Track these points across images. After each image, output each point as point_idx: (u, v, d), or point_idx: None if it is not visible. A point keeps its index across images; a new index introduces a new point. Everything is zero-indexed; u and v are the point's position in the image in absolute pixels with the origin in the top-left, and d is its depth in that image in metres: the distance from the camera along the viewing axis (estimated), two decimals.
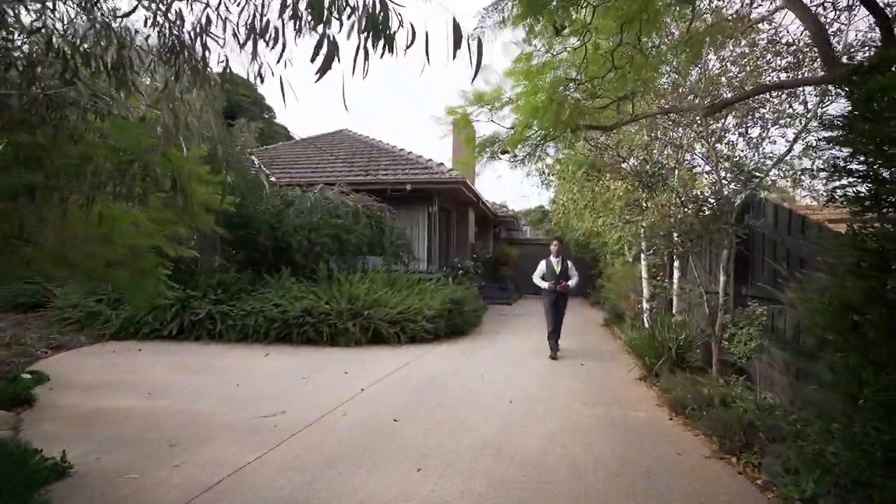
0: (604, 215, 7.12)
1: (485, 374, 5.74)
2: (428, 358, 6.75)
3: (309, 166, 12.81)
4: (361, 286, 8.03)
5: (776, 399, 4.10)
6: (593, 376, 5.86)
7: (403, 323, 7.83)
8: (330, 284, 8.31)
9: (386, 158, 12.36)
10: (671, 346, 5.46)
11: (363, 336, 7.58)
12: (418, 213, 11.54)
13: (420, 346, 7.64)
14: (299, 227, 8.30)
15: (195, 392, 4.70)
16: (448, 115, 4.19)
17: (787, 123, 4.68)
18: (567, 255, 6.91)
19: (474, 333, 9.14)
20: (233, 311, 7.42)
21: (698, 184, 5.19)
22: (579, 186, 7.13)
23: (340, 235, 8.74)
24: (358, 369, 5.89)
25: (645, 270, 8.08)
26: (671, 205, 4.90)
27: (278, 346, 7.26)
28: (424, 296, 8.67)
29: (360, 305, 7.80)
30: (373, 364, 6.23)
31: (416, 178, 10.66)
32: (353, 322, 7.56)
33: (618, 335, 9.08)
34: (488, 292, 15.43)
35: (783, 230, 4.36)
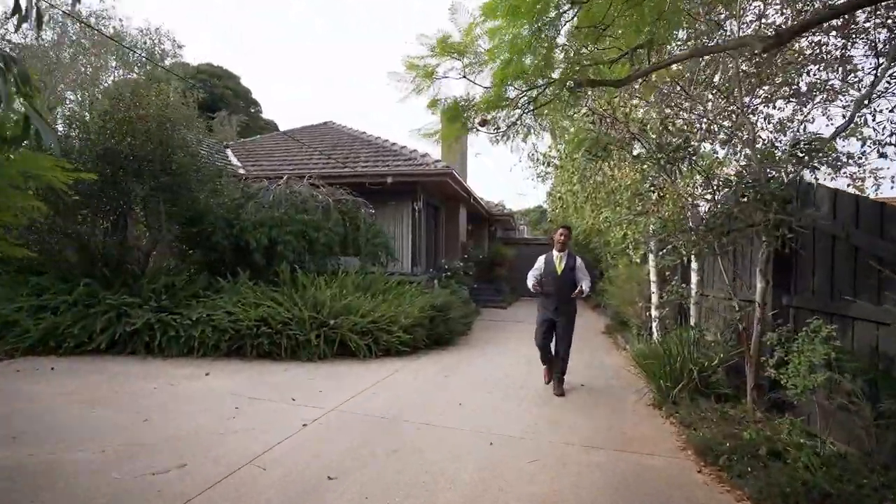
0: (608, 209, 6.09)
1: (464, 402, 4.70)
2: (400, 377, 5.71)
3: (284, 159, 11.77)
4: (327, 291, 6.98)
5: (844, 446, 3.08)
6: (596, 402, 4.82)
7: (376, 333, 6.80)
8: (294, 289, 7.27)
9: (368, 150, 11.33)
10: (692, 367, 4.43)
11: (328, 349, 6.55)
12: (402, 209, 10.51)
13: (394, 360, 6.61)
14: (259, 223, 7.25)
15: (83, 432, 3.65)
16: (409, 71, 3.16)
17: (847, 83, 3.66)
18: (573, 252, 5.00)
19: (461, 344, 8.11)
20: (177, 321, 6.37)
21: (726, 164, 4.18)
22: (579, 175, 6.10)
23: (307, 233, 7.70)
24: (310, 393, 4.85)
25: (654, 273, 7.04)
26: (694, 192, 3.88)
27: (228, 361, 6.21)
28: (403, 301, 7.64)
29: (325, 313, 6.76)
30: (331, 386, 5.19)
31: (398, 170, 9.62)
32: (316, 333, 6.53)
33: (621, 345, 8.07)
34: (482, 295, 14.42)
35: (847, 223, 3.33)
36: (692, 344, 4.69)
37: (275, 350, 6.41)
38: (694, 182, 3.85)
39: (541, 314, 4.99)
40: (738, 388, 4.35)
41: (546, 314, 4.90)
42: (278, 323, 6.44)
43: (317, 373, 5.78)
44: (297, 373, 5.74)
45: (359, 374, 5.75)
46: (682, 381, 4.43)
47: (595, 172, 5.48)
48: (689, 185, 3.84)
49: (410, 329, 7.04)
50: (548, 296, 4.87)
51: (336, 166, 10.26)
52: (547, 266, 4.92)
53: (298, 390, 4.95)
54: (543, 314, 4.93)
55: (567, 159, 6.25)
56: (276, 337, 6.40)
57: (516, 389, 5.20)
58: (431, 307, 7.73)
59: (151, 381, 5.16)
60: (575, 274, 4.79)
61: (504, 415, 4.34)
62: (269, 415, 4.16)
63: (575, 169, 6.27)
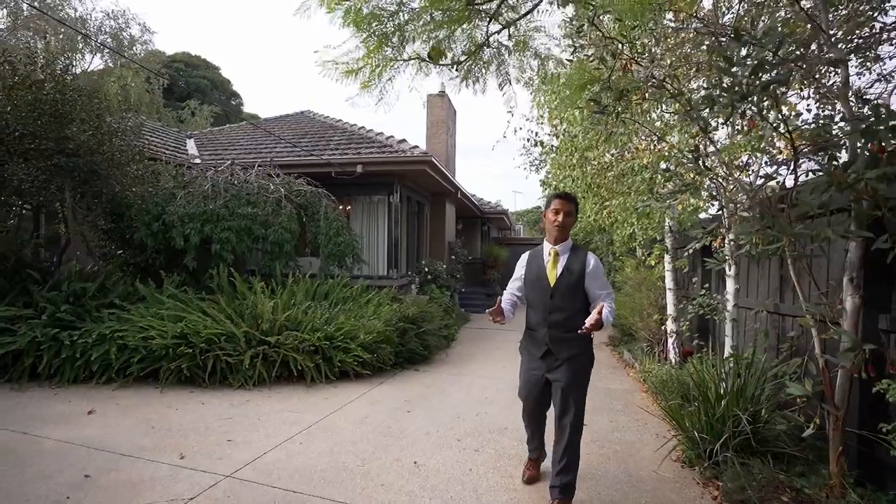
0: (618, 197, 4.82)
1: (421, 460, 3.41)
2: (347, 415, 4.42)
3: (247, 148, 10.48)
4: (268, 301, 5.68)
5: None
6: (606, 455, 3.55)
7: (331, 352, 5.51)
8: (233, 297, 5.98)
9: (340, 137, 10.05)
10: (739, 413, 3.15)
11: (267, 372, 5.26)
12: (377, 204, 9.23)
13: (350, 386, 5.32)
14: (189, 217, 5.95)
15: None
16: None
17: None
18: (578, 246, 2.87)
19: (438, 361, 6.82)
20: (74, 338, 5.06)
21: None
22: (579, 150, 4.81)
23: (253, 230, 6.41)
24: (213, 444, 3.56)
25: (670, 278, 5.78)
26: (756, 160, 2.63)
27: (136, 390, 4.92)
28: (367, 312, 6.35)
29: (266, 327, 5.47)
30: (250, 429, 3.89)
31: (369, 158, 8.33)
32: (253, 352, 5.24)
33: (629, 363, 6.80)
34: (471, 299, 13.16)
35: None
36: (735, 377, 3.41)
37: (198, 375, 5.11)
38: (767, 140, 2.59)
39: (525, 363, 2.85)
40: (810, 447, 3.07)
41: (533, 363, 2.76)
42: (203, 340, 5.14)
43: (241, 408, 4.48)
44: (213, 408, 4.44)
45: (296, 410, 4.45)
46: (725, 433, 3.15)
47: (602, 140, 4.17)
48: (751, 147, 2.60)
49: (373, 346, 5.76)
50: (534, 328, 2.74)
51: (300, 155, 8.97)
52: (533, 271, 2.77)
53: (199, 439, 3.65)
54: (529, 363, 2.81)
55: (564, 135, 4.97)
56: (201, 358, 5.11)
57: (496, 436, 3.91)
58: (403, 318, 6.45)
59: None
60: (585, 285, 2.62)
61: (474, 486, 3.05)
62: (125, 490, 2.85)
63: (574, 148, 5.00)
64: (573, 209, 2.72)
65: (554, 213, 2.70)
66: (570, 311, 2.61)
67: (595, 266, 2.68)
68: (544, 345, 2.70)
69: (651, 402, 5.00)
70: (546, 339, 2.68)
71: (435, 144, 12.60)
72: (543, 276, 2.73)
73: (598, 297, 2.63)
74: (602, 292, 2.63)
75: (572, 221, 2.72)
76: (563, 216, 2.69)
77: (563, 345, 2.63)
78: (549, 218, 2.72)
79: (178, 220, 5.86)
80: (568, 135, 4.97)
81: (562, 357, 2.66)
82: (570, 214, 2.70)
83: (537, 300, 2.76)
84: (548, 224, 2.75)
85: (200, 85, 21.50)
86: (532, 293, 2.81)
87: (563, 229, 2.70)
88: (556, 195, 2.76)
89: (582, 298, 2.68)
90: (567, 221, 2.69)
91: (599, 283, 2.66)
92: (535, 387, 2.77)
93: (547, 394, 2.78)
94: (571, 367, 2.65)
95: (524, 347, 2.92)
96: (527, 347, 2.90)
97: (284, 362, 5.32)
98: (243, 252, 6.33)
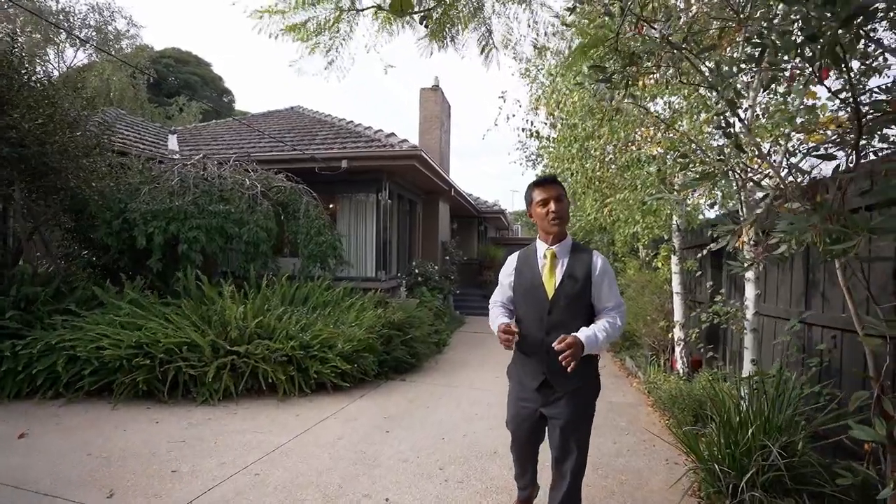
0: (624, 192, 4.32)
1: (394, 497, 2.91)
2: (318, 435, 3.92)
3: (229, 143, 9.98)
4: (238, 307, 5.18)
5: None
6: (610, 488, 3.06)
7: (307, 362, 5.02)
8: (201, 302, 5.48)
9: (326, 132, 9.55)
10: (768, 444, 2.66)
11: (235, 384, 4.77)
12: (365, 202, 8.74)
13: (327, 400, 4.83)
14: (153, 215, 5.44)
15: None
16: None
17: None
18: (580, 245, 2.23)
19: (427, 369, 6.34)
20: (16, 349, 4.56)
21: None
22: (579, 140, 4.31)
23: (225, 228, 5.91)
24: (150, 479, 3.06)
25: (677, 281, 5.30)
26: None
27: (85, 406, 4.42)
28: (348, 317, 5.86)
29: (234, 335, 4.97)
30: (201, 455, 3.40)
31: (355, 153, 7.83)
32: (220, 363, 4.75)
33: (632, 371, 6.32)
34: (467, 301, 12.68)
35: None
36: (760, 397, 2.93)
37: (158, 388, 4.61)
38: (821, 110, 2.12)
39: (515, 392, 2.27)
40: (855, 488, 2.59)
41: (524, 394, 2.18)
42: (164, 350, 4.64)
43: (199, 428, 3.98)
44: (168, 428, 3.94)
45: (261, 430, 3.96)
46: (751, 466, 2.66)
47: (606, 120, 3.64)
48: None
49: (354, 355, 5.27)
50: (527, 353, 2.14)
51: (284, 150, 8.47)
52: (525, 279, 2.19)
53: (140, 469, 3.15)
54: (519, 393, 2.22)
55: (562, 123, 4.47)
56: (161, 370, 4.61)
57: (484, 463, 3.42)
58: (388, 324, 5.96)
59: None
60: (592, 294, 2.08)
61: None
62: None
63: (574, 138, 4.50)
64: (563, 192, 2.11)
65: (542, 204, 2.09)
66: (573, 328, 1.97)
67: (603, 269, 2.08)
68: (541, 374, 2.09)
69: (658, 419, 4.53)
70: (544, 367, 2.07)
71: (428, 140, 12.11)
72: (538, 284, 2.11)
73: (605, 307, 2.06)
74: (608, 304, 2.06)
75: (568, 208, 2.14)
76: (555, 203, 2.05)
77: (565, 374, 1.92)
78: (539, 213, 2.11)
79: (139, 217, 5.35)
80: (566, 123, 4.47)
81: (563, 390, 2.07)
82: (562, 199, 2.09)
83: (531, 317, 2.12)
84: (540, 220, 2.13)
85: (190, 81, 20.95)
86: (524, 307, 2.17)
87: (562, 221, 2.08)
88: (534, 184, 2.16)
89: (588, 312, 2.10)
90: (562, 209, 2.07)
91: (608, 292, 2.07)
92: (527, 421, 2.18)
93: (541, 428, 2.22)
94: (574, 402, 2.07)
95: (513, 374, 2.30)
96: (517, 375, 2.26)
97: (255, 374, 4.83)
98: (215, 252, 5.83)
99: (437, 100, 12.25)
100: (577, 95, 4.13)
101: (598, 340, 1.92)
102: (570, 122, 4.58)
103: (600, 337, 1.94)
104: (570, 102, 4.12)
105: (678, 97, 4.14)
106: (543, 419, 2.16)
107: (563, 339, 1.84)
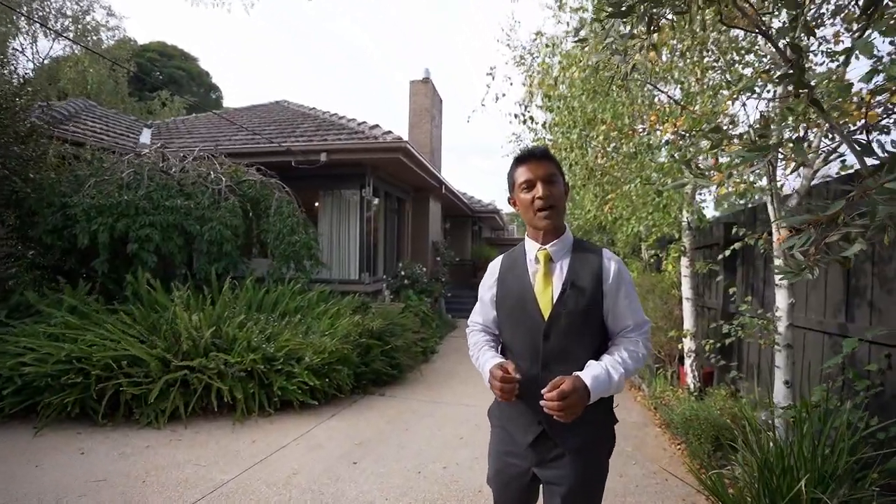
0: (627, 183, 3.75)
1: None
2: (273, 468, 3.32)
3: (204, 137, 9.36)
4: (191, 315, 4.57)
5: None
6: None
7: (271, 376, 4.43)
8: (152, 310, 4.87)
9: (309, 125, 8.95)
10: (823, 498, 2.08)
11: (183, 404, 4.16)
12: (347, 199, 8.14)
13: (290, 420, 4.24)
14: (98, 210, 4.82)
15: None
16: None
17: None
18: (584, 242, 1.57)
19: (410, 381, 5.75)
20: None
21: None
22: (579, 124, 3.72)
23: (185, 226, 5.30)
24: None
25: (687, 285, 4.74)
26: None
27: (4, 431, 3.80)
28: (320, 325, 5.26)
29: (187, 347, 4.37)
30: (119, 500, 2.79)
31: (336, 145, 7.23)
32: (169, 378, 4.14)
33: (635, 383, 5.77)
34: (460, 304, 12.10)
35: None
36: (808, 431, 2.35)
37: (92, 409, 4.01)
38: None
39: (498, 443, 1.61)
40: None
41: (511, 447, 1.55)
42: (101, 366, 4.02)
43: (130, 460, 3.37)
44: (92, 461, 3.33)
45: (204, 461, 3.35)
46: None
47: (619, 82, 3.04)
48: None
49: (326, 369, 4.68)
50: (517, 394, 1.40)
51: (259, 142, 7.86)
52: (511, 291, 1.56)
53: None
54: (505, 446, 1.57)
55: (561, 103, 3.89)
56: (97, 388, 4.00)
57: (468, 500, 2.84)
58: (366, 333, 5.37)
59: None
60: (605, 309, 1.46)
61: None
62: None
63: (573, 122, 3.92)
64: (556, 171, 1.49)
65: (526, 187, 1.47)
66: (581, 359, 1.41)
67: (618, 274, 1.47)
68: (536, 425, 1.47)
69: (669, 442, 3.96)
70: (540, 416, 1.42)
71: (418, 134, 11.52)
72: (529, 299, 1.49)
73: (623, 330, 1.47)
74: (628, 322, 1.46)
75: (564, 194, 1.51)
76: (544, 185, 1.44)
77: (569, 425, 1.36)
78: (524, 200, 1.48)
79: (82, 213, 4.73)
80: (565, 105, 3.89)
81: (567, 446, 1.45)
82: (555, 181, 1.47)
83: (520, 344, 1.51)
84: (524, 211, 1.51)
85: (175, 76, 20.24)
86: (510, 331, 1.56)
87: (553, 212, 1.46)
88: (517, 160, 1.53)
89: (599, 335, 1.49)
90: (554, 194, 1.45)
91: (626, 306, 1.46)
92: (516, 481, 1.54)
93: (534, 490, 1.59)
94: (582, 463, 1.45)
95: (497, 419, 1.63)
96: (501, 422, 1.60)
97: (209, 392, 4.23)
98: (172, 253, 5.22)
99: (427, 92, 11.67)
100: (578, 71, 3.55)
101: (611, 381, 1.34)
102: (569, 105, 4.00)
103: (615, 376, 1.35)
104: (570, 75, 3.54)
105: (692, 77, 3.59)
106: (537, 479, 1.55)
107: (557, 386, 1.27)
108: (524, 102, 4.83)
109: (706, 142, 2.16)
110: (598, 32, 1.96)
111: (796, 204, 2.97)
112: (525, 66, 5.22)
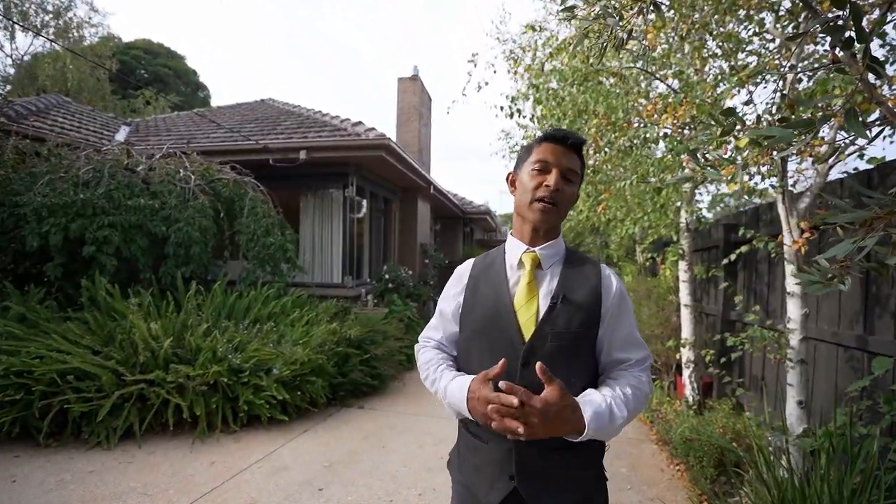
0: (622, 181, 3.46)
1: None
2: (227, 497, 2.97)
3: (184, 134, 8.98)
4: (145, 322, 4.20)
5: None
6: None
7: (237, 389, 4.09)
8: (109, 318, 4.50)
9: (291, 122, 8.60)
10: None
11: (139, 421, 3.80)
12: (330, 199, 7.79)
13: (257, 438, 3.89)
14: (49, 210, 4.45)
15: None
16: None
17: None
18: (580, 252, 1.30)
19: (391, 392, 5.42)
20: None
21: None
22: (568, 116, 3.42)
23: (150, 227, 4.94)
24: None
25: (685, 291, 4.44)
26: None
27: None
28: (294, 333, 4.91)
29: (144, 359, 4.00)
30: None
31: (316, 142, 6.89)
32: (123, 393, 3.78)
33: None
34: None
35: None
36: (836, 461, 2.04)
37: (35, 427, 3.64)
38: None
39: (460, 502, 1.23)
40: None
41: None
42: (46, 381, 3.65)
43: (67, 489, 3.00)
44: (22, 492, 2.96)
45: (151, 489, 2.99)
46: None
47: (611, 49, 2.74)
48: None
49: (298, 380, 4.33)
50: (481, 434, 1.16)
51: (237, 140, 7.50)
52: (482, 296, 1.22)
53: None
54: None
55: (549, 93, 3.59)
56: (40, 405, 3.63)
57: None
58: (343, 341, 5.02)
59: None
60: (600, 335, 1.14)
61: None
62: None
63: (562, 113, 3.62)
64: (579, 171, 1.19)
65: (539, 169, 1.14)
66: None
67: (620, 293, 1.17)
68: (506, 480, 1.11)
69: (667, 462, 3.65)
70: (511, 467, 1.10)
71: (406, 133, 11.20)
72: (505, 313, 1.15)
73: (618, 365, 1.15)
74: (630, 356, 1.14)
75: (574, 198, 1.20)
76: (560, 177, 1.13)
77: (549, 478, 1.10)
78: (528, 181, 1.16)
79: (32, 213, 4.36)
80: (552, 95, 3.59)
81: (539, 496, 1.10)
82: (573, 180, 1.17)
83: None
84: (521, 196, 1.18)
85: (161, 74, 19.78)
86: (478, 353, 1.19)
87: (556, 210, 1.15)
88: (542, 137, 1.18)
89: (592, 368, 1.17)
90: (568, 192, 1.16)
91: (628, 334, 1.16)
92: None
93: None
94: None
95: (458, 471, 1.26)
96: (463, 476, 1.23)
97: (168, 407, 3.87)
98: (135, 256, 4.85)
99: (415, 90, 11.35)
100: (568, 57, 3.25)
101: (614, 420, 1.01)
102: (557, 95, 3.70)
103: (618, 414, 1.02)
104: (561, 61, 3.24)
105: (691, 69, 3.29)
106: None
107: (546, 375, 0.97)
108: (511, 96, 4.53)
109: (715, 128, 1.86)
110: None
111: (809, 203, 2.68)
112: (512, 56, 4.92)
